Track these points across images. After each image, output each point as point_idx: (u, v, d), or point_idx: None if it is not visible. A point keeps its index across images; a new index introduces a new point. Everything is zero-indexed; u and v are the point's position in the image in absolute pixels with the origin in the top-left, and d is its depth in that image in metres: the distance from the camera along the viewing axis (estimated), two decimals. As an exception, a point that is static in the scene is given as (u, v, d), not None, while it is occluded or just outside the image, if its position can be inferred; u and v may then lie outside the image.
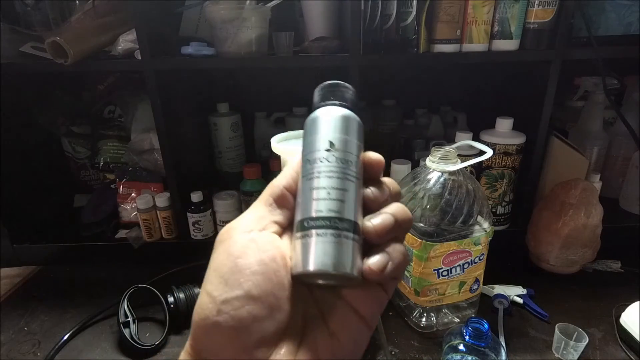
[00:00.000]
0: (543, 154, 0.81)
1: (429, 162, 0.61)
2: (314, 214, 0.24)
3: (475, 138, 0.80)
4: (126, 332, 0.64)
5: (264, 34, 0.73)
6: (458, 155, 0.60)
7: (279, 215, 0.26)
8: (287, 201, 0.26)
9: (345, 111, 0.27)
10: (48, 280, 0.84)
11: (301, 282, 0.24)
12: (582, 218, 0.74)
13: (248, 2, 0.71)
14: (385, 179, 0.27)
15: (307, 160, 0.26)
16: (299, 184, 0.26)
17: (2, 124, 0.82)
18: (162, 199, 0.84)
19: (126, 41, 0.73)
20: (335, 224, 0.23)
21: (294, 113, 1.04)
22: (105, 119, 1.02)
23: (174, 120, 0.81)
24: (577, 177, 0.78)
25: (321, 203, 0.24)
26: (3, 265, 0.88)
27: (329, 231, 0.23)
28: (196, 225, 0.85)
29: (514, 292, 0.73)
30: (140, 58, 0.72)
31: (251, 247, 0.23)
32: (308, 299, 0.26)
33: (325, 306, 0.25)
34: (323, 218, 0.23)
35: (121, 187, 0.90)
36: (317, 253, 0.23)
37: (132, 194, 0.90)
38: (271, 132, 0.70)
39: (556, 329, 0.62)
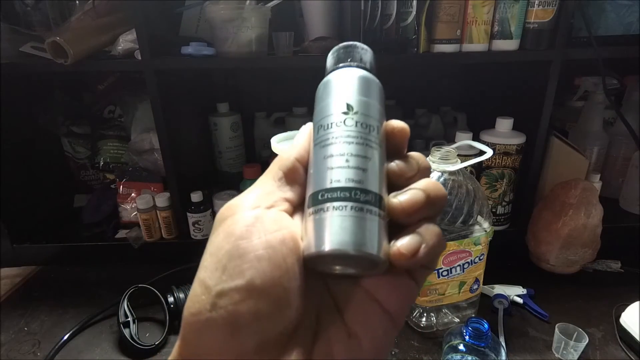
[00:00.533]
0: (543, 154, 0.81)
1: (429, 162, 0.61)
2: (329, 184, 0.20)
3: (475, 138, 0.80)
4: (126, 332, 0.64)
5: (264, 34, 0.73)
6: (458, 155, 0.60)
7: (289, 192, 0.22)
8: (298, 175, 0.23)
9: (364, 72, 0.24)
10: (48, 280, 0.84)
11: (315, 270, 0.21)
12: (582, 218, 0.74)
13: (248, 2, 0.71)
14: (412, 152, 0.23)
15: (320, 126, 0.22)
16: (310, 154, 0.23)
17: (2, 124, 0.82)
18: (162, 199, 0.84)
19: (126, 41, 0.73)
20: (357, 195, 0.20)
21: (294, 113, 1.04)
22: (105, 119, 1.02)
23: (174, 120, 0.81)
24: (577, 177, 0.78)
25: (338, 171, 0.20)
26: (3, 265, 0.88)
27: (349, 204, 0.19)
28: (196, 225, 0.85)
29: (514, 292, 0.73)
30: (140, 58, 0.72)
31: (257, 227, 0.20)
32: (322, 291, 0.22)
33: (343, 299, 0.21)
34: (341, 189, 0.20)
35: (121, 187, 0.90)
36: (334, 230, 0.19)
37: (132, 194, 0.90)
38: (271, 132, 0.70)
39: (556, 329, 0.62)
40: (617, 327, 0.66)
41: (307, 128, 0.24)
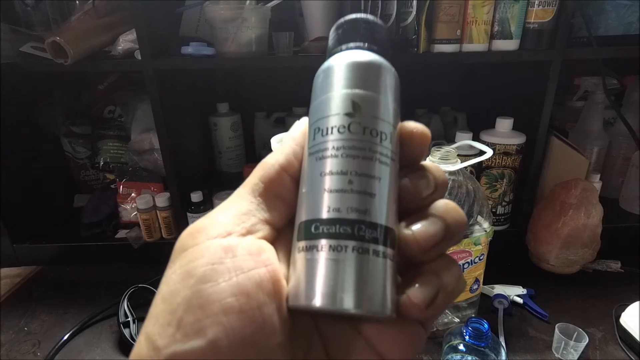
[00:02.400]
0: (543, 154, 0.81)
1: (429, 162, 0.61)
2: (326, 214, 0.16)
3: (475, 138, 0.80)
4: (126, 332, 0.64)
5: (264, 34, 0.73)
6: (458, 155, 0.60)
7: (271, 211, 0.18)
8: (284, 188, 0.18)
9: (374, 57, 0.19)
10: (48, 280, 0.84)
11: (302, 312, 0.17)
12: (582, 218, 0.74)
13: (248, 2, 0.71)
14: (427, 164, 0.19)
15: (318, 129, 0.18)
16: (303, 164, 0.18)
17: (2, 124, 0.82)
18: (162, 199, 0.84)
19: (126, 41, 0.73)
20: (361, 231, 0.16)
21: (294, 113, 1.04)
22: (105, 119, 1.02)
23: (174, 120, 0.81)
24: (577, 177, 0.78)
25: (339, 197, 0.16)
26: (3, 265, 0.88)
27: (351, 243, 0.16)
28: (196, 225, 0.85)
29: (514, 292, 0.73)
30: (140, 58, 0.72)
31: (225, 264, 0.15)
32: (311, 335, 0.17)
33: (337, 347, 0.17)
34: (342, 221, 0.16)
35: (121, 187, 0.90)
36: (329, 278, 0.15)
37: (132, 194, 0.90)
38: (271, 132, 0.70)
39: (556, 329, 0.62)
40: (617, 327, 0.66)
41: (301, 126, 0.20)
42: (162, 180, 0.89)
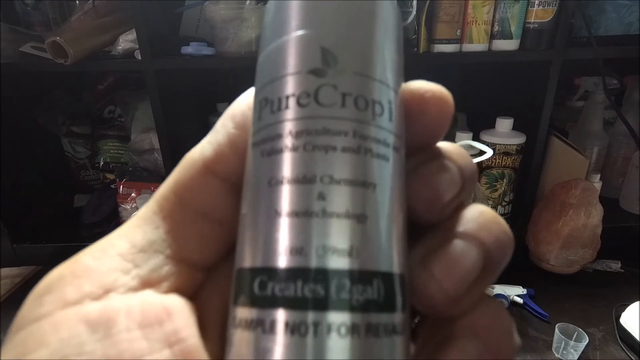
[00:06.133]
0: (543, 154, 0.81)
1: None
2: (282, 260, 0.09)
3: (475, 138, 0.80)
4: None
5: (264, 34, 0.73)
6: (458, 155, 0.60)
7: (191, 240, 0.11)
8: (213, 199, 0.12)
9: None
10: (48, 280, 0.84)
11: None
12: (582, 218, 0.74)
13: (248, 2, 0.71)
14: (446, 146, 0.13)
15: (265, 102, 0.11)
16: (246, 162, 0.11)
17: (2, 124, 0.82)
18: (162, 199, 0.84)
19: (126, 41, 0.73)
20: (345, 293, 0.09)
21: (294, 113, 1.04)
22: (105, 119, 1.02)
23: (174, 120, 0.81)
24: (577, 177, 0.78)
25: (302, 227, 0.09)
26: (3, 265, 0.88)
27: (327, 318, 0.09)
28: (196, 225, 0.85)
29: (514, 292, 0.73)
30: (140, 58, 0.72)
31: (89, 354, 0.09)
32: None
33: None
34: (308, 274, 0.09)
35: (121, 187, 0.90)
36: None
37: (132, 194, 0.89)
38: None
39: (556, 329, 0.62)
40: (617, 327, 0.66)
41: (245, 98, 0.12)
42: (162, 180, 0.89)
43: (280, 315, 0.09)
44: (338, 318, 0.09)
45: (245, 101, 0.12)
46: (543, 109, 0.76)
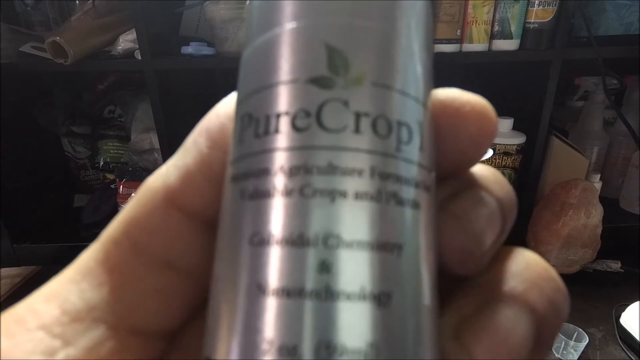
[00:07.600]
0: (543, 154, 0.81)
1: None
2: (270, 354, 0.07)
3: (475, 138, 0.80)
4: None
5: (264, 34, 0.73)
6: (458, 155, 0.60)
7: (145, 301, 0.09)
8: (179, 244, 0.09)
9: None
10: (48, 280, 0.84)
11: None
12: (582, 218, 0.74)
13: (248, 2, 0.71)
14: (481, 172, 0.11)
15: (248, 119, 0.08)
16: (223, 200, 0.09)
17: (2, 124, 0.82)
18: (162, 199, 0.84)
19: (126, 41, 0.73)
20: None
21: (294, 113, 1.04)
22: (105, 118, 1.02)
23: (174, 120, 0.81)
24: (577, 177, 0.78)
25: (296, 313, 0.07)
26: (3, 265, 0.88)
27: None
28: (196, 225, 0.85)
29: (514, 292, 0.73)
30: (140, 58, 0.72)
31: None
32: None
33: None
34: None
35: (121, 187, 0.90)
36: None
37: (132, 194, 0.89)
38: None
39: (556, 329, 0.62)
40: (617, 327, 0.66)
41: (224, 107, 0.10)
42: (162, 180, 0.89)
43: None
44: None
45: (224, 110, 0.10)
46: (543, 109, 0.76)
